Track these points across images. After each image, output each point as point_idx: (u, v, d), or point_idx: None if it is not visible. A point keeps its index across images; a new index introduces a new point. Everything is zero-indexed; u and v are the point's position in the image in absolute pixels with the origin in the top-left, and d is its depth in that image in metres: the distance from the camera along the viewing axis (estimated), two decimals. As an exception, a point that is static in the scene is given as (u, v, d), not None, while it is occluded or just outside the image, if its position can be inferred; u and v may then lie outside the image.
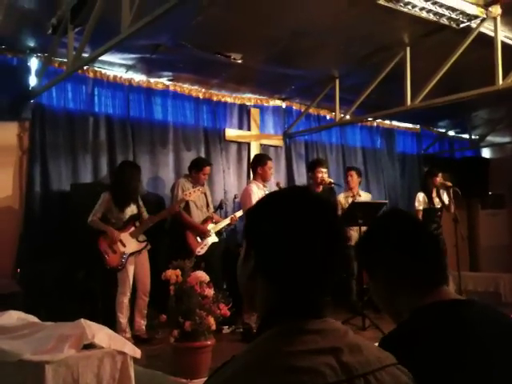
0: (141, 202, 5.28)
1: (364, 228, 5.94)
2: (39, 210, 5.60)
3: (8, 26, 4.89)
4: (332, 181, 6.46)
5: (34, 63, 5.71)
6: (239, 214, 5.84)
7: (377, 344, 1.14)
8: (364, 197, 6.84)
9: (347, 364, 0.91)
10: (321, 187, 6.23)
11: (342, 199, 6.71)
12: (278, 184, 5.95)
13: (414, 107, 5.76)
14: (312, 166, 6.46)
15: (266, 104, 7.62)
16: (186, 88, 6.84)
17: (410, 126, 9.39)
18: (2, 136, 5.53)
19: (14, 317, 3.28)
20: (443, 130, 9.86)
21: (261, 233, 1.01)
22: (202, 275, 4.01)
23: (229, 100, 7.26)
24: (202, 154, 6.73)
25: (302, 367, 0.88)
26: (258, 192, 5.42)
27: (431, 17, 4.72)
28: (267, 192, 5.52)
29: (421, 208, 6.67)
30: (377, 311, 5.83)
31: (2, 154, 5.52)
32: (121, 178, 5.16)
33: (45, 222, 5.57)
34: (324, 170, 6.32)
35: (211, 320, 3.81)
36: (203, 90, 6.97)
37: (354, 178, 6.81)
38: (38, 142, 5.65)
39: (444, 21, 4.80)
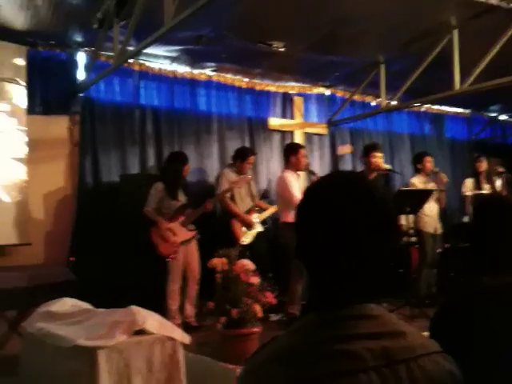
0: None
1: (411, 216, 5.84)
2: (90, 200, 5.77)
3: (56, 22, 5.04)
4: (389, 167, 5.99)
5: (81, 58, 5.86)
6: None
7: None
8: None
9: (388, 349, 0.91)
10: (374, 174, 5.78)
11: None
12: (311, 171, 5.79)
13: (463, 91, 5.57)
14: (366, 151, 5.95)
15: (309, 92, 7.55)
16: (229, 78, 6.86)
17: (459, 110, 9.08)
18: (53, 129, 5.74)
19: (68, 304, 3.39)
20: (494, 115, 9.51)
21: (300, 221, 1.01)
22: (248, 263, 4.05)
23: (272, 89, 7.23)
24: (247, 144, 6.75)
25: (343, 351, 0.89)
26: (293, 180, 5.41)
27: (480, -4, 4.55)
28: (299, 181, 5.49)
29: (468, 193, 6.50)
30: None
31: (55, 147, 5.73)
32: (170, 167, 5.36)
33: (96, 211, 5.73)
34: (379, 154, 5.84)
35: (257, 308, 3.85)
36: (246, 79, 6.97)
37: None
38: (87, 134, 5.82)
39: (493, 0, 4.61)
